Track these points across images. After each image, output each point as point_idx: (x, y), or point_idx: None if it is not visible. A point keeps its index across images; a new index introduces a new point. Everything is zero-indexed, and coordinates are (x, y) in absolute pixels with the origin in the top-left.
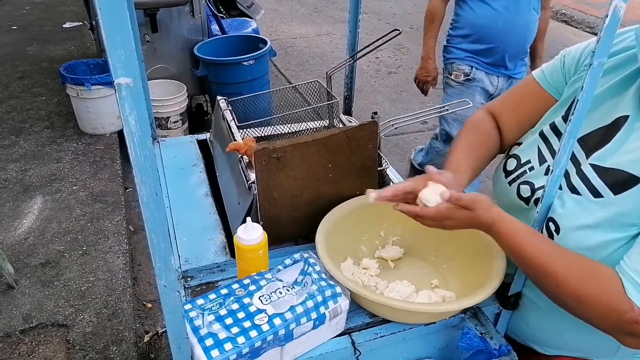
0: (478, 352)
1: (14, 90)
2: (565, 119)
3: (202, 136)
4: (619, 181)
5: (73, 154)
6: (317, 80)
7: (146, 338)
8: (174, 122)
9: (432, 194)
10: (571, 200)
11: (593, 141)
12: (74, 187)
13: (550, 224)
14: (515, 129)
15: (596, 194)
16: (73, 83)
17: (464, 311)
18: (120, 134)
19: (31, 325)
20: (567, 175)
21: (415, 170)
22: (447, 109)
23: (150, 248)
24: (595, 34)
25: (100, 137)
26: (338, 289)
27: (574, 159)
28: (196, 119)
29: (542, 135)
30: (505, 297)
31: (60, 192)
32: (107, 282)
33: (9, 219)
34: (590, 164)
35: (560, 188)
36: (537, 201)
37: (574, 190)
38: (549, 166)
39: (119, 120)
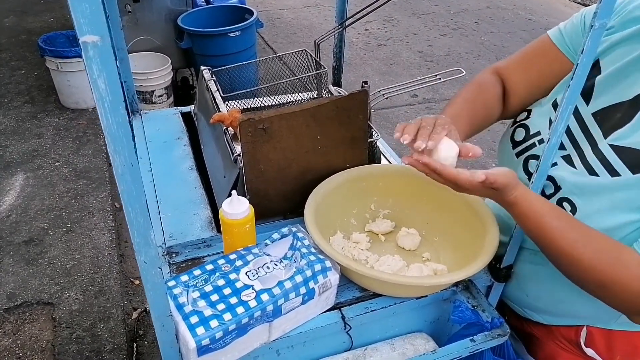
0: (470, 324)
1: None
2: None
3: (186, 108)
4: (638, 161)
5: (55, 129)
6: (305, 50)
7: (134, 315)
8: (159, 96)
9: (450, 151)
10: (587, 181)
11: (612, 118)
12: (57, 164)
13: (565, 204)
14: (523, 94)
15: (614, 172)
16: (52, 55)
17: (456, 284)
18: None
19: (16, 303)
20: (581, 154)
21: None
22: (440, 78)
23: (127, 223)
24: (586, 5)
25: (82, 111)
26: (328, 264)
27: (589, 136)
28: (182, 92)
29: (555, 106)
30: (498, 270)
31: (43, 169)
32: (93, 260)
33: None
34: (609, 144)
35: (575, 168)
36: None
37: (591, 171)
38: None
39: None
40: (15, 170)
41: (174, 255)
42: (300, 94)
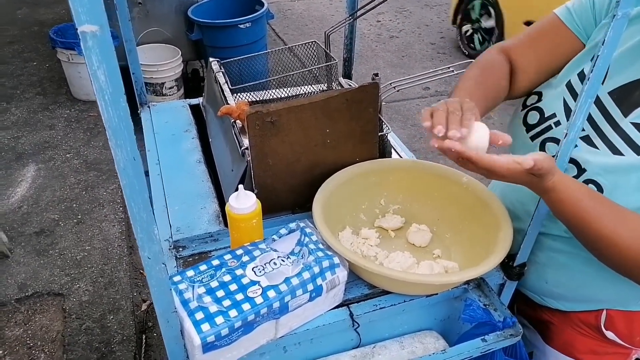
0: (481, 324)
1: (4, 55)
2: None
3: (194, 101)
4: None
5: (66, 120)
6: (315, 41)
7: (143, 306)
8: (169, 88)
9: (483, 138)
10: (613, 161)
11: (631, 97)
12: (68, 155)
13: (592, 185)
14: (532, 73)
15: (639, 151)
16: (63, 47)
17: (467, 282)
18: None
19: (27, 294)
20: (601, 134)
21: None
22: (453, 70)
23: (130, 218)
24: None
25: (93, 103)
26: (336, 260)
27: (607, 116)
28: (192, 84)
29: (569, 87)
30: (510, 268)
31: (54, 160)
32: (103, 251)
33: (1, 187)
34: (631, 122)
35: (597, 148)
36: None
37: (614, 150)
38: None
39: None
40: (27, 162)
41: (180, 249)
42: (310, 86)
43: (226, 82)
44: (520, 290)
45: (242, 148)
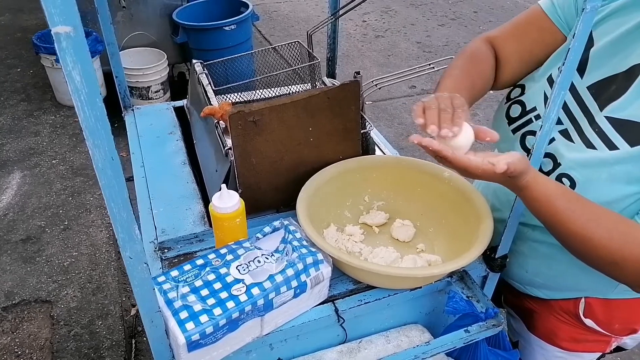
0: (464, 315)
1: None
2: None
3: (179, 103)
4: (636, 133)
5: (51, 126)
6: (298, 41)
7: (133, 311)
8: (155, 92)
9: (467, 139)
10: (586, 155)
11: (607, 91)
12: (54, 161)
13: (565, 179)
14: (515, 64)
15: (612, 146)
16: (47, 53)
17: (450, 275)
18: None
19: (14, 302)
20: (579, 129)
21: None
22: (433, 67)
23: (110, 218)
24: None
25: None
26: (320, 256)
27: (585, 110)
28: (179, 88)
29: (550, 81)
30: (492, 260)
31: (40, 167)
32: (91, 257)
33: None
34: (605, 117)
35: (573, 142)
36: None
37: (588, 144)
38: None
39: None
40: (12, 169)
41: (166, 250)
42: (294, 86)
43: (209, 83)
44: (505, 280)
45: (226, 148)
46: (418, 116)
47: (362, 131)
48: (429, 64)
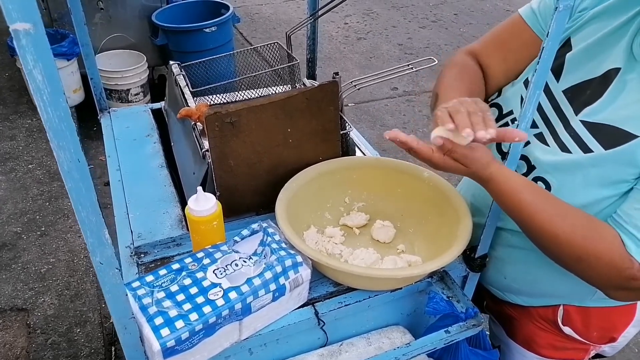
0: (445, 316)
1: None
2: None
3: (156, 105)
4: (610, 137)
5: (27, 131)
6: (277, 42)
7: (112, 318)
8: (135, 95)
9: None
10: (560, 158)
11: (582, 95)
12: (30, 166)
13: (540, 182)
14: (500, 76)
15: (586, 149)
16: None
17: (431, 275)
18: (77, 108)
19: None
20: (554, 132)
21: None
22: (412, 67)
23: (79, 222)
24: None
25: None
26: (299, 259)
27: (560, 114)
28: (159, 90)
29: (527, 83)
30: (472, 259)
31: (15, 172)
32: (69, 263)
33: None
34: (580, 120)
35: (548, 145)
36: None
37: (563, 148)
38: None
39: (76, 94)
40: None
41: (142, 255)
42: (274, 87)
43: (187, 85)
44: (485, 287)
45: (203, 150)
46: (446, 122)
47: (341, 132)
48: (408, 64)
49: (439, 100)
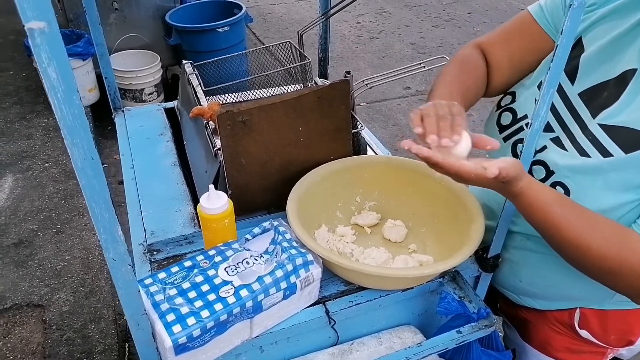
0: (456, 316)
1: None
2: (566, 70)
3: (169, 104)
4: (630, 140)
5: (44, 130)
6: (289, 41)
7: (125, 315)
8: (149, 94)
9: (466, 148)
10: (580, 163)
11: (599, 98)
12: (46, 164)
13: (559, 187)
14: (506, 70)
15: (606, 153)
16: None
17: (442, 275)
18: (92, 107)
19: (5, 306)
20: (571, 136)
21: None
22: (424, 66)
23: (92, 219)
24: None
25: None
26: (309, 257)
27: (577, 117)
28: (173, 90)
29: (540, 87)
30: (485, 260)
31: (32, 170)
32: (84, 260)
33: None
34: (598, 124)
35: (566, 150)
36: (534, 162)
37: (582, 152)
38: (548, 122)
39: (91, 94)
40: (4, 172)
41: (155, 252)
42: (286, 87)
43: (199, 84)
44: (499, 290)
45: (215, 149)
46: (416, 125)
47: (353, 131)
48: (420, 63)
49: (430, 97)
